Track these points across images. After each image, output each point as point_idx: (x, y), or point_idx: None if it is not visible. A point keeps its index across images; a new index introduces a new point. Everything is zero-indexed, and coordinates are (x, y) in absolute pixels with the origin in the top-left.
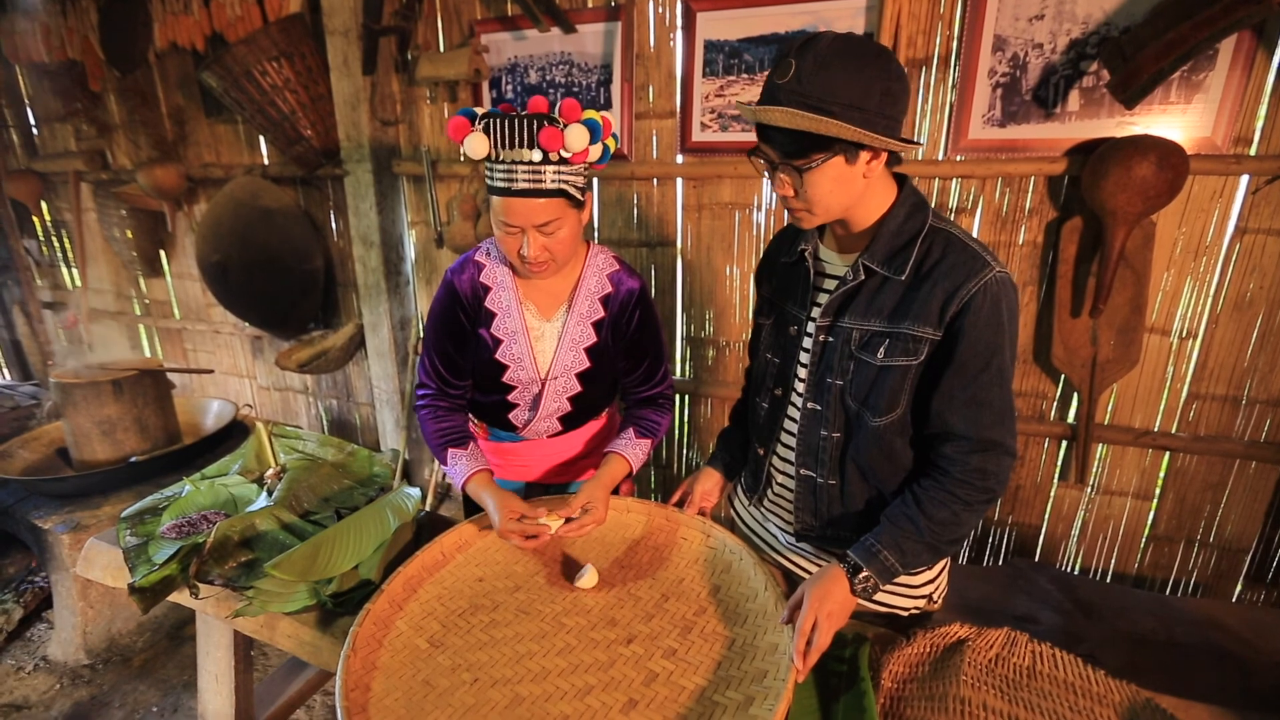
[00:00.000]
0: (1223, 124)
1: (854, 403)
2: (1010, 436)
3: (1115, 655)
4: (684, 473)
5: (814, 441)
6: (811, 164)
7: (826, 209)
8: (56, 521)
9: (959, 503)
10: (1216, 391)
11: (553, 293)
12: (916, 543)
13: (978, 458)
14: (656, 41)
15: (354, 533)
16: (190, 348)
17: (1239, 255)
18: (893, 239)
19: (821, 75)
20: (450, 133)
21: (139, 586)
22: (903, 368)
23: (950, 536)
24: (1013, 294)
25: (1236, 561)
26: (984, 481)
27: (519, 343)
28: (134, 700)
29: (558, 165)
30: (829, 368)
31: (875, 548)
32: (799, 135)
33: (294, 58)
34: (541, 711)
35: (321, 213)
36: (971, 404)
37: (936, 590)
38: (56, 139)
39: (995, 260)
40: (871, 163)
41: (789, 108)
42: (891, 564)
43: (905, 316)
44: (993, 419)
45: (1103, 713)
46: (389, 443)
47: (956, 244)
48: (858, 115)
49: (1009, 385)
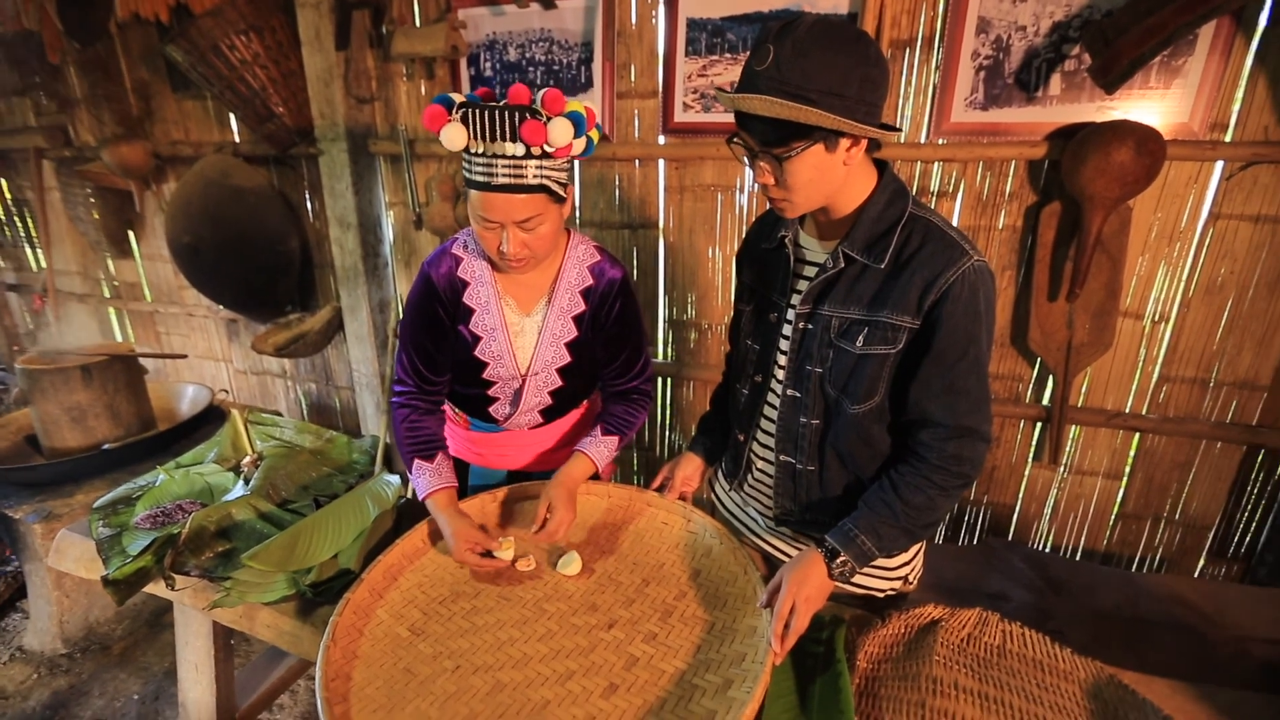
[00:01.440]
0: (1200, 109)
1: (833, 390)
2: (986, 423)
3: (1082, 631)
4: (666, 455)
5: (793, 428)
6: (791, 152)
7: (808, 197)
8: (28, 511)
9: (934, 488)
10: (1186, 374)
11: (532, 287)
12: (893, 527)
13: (954, 444)
14: (638, 19)
15: (333, 521)
16: (163, 331)
17: (1212, 240)
18: (872, 226)
19: (800, 62)
20: (426, 122)
21: (113, 579)
22: (881, 356)
23: (925, 520)
24: (990, 283)
25: (1200, 538)
26: (959, 467)
27: (498, 340)
28: (114, 689)
29: (540, 160)
30: (808, 355)
31: (853, 532)
32: (778, 123)
33: (263, 31)
34: (523, 697)
35: (296, 193)
36: (949, 392)
37: (912, 572)
38: (14, 114)
39: (974, 249)
40: (852, 150)
41: (768, 95)
42: (869, 548)
43: (884, 305)
44: (969, 406)
45: (1068, 689)
46: (369, 426)
47: (935, 232)
48: (837, 102)
49: (985, 373)
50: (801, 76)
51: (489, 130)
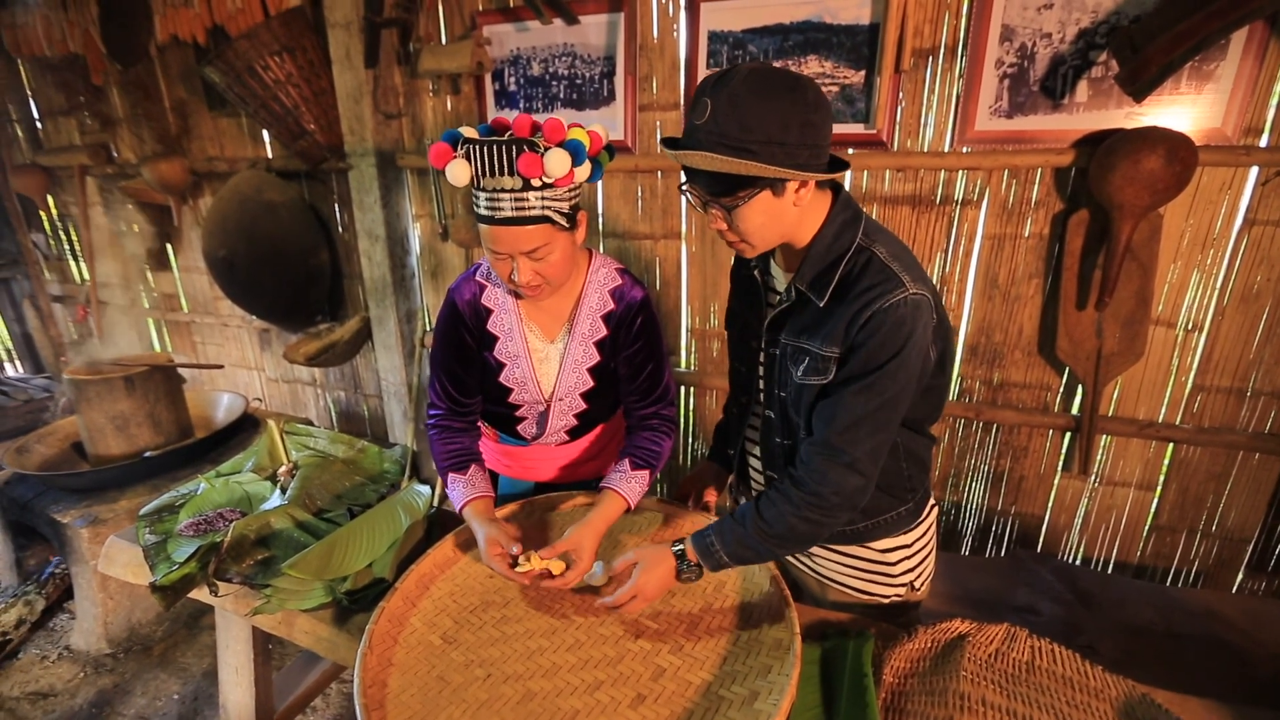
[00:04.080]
0: (1233, 114)
1: (794, 414)
2: (859, 451)
3: (1114, 647)
4: (689, 463)
5: (771, 447)
6: (738, 202)
7: (763, 239)
8: (75, 516)
9: (789, 504)
10: (1221, 384)
11: (554, 313)
12: (740, 536)
13: (820, 459)
14: (660, 32)
15: (367, 531)
16: (199, 340)
17: (1247, 247)
18: (819, 261)
19: (737, 114)
20: (432, 159)
21: (160, 585)
22: (813, 386)
23: (776, 534)
24: (921, 318)
25: (1238, 551)
26: (819, 486)
27: (522, 367)
28: (155, 688)
29: (541, 190)
30: (775, 380)
31: (709, 535)
32: (722, 175)
33: (296, 51)
34: (553, 706)
35: (326, 206)
36: (834, 405)
37: (919, 579)
38: (61, 133)
39: (915, 282)
40: (800, 191)
41: (708, 150)
42: (716, 551)
43: (817, 336)
44: (845, 425)
45: (1100, 707)
46: (397, 434)
47: (876, 264)
48: (779, 150)
49: (881, 406)
50: (739, 129)
51: (489, 165)
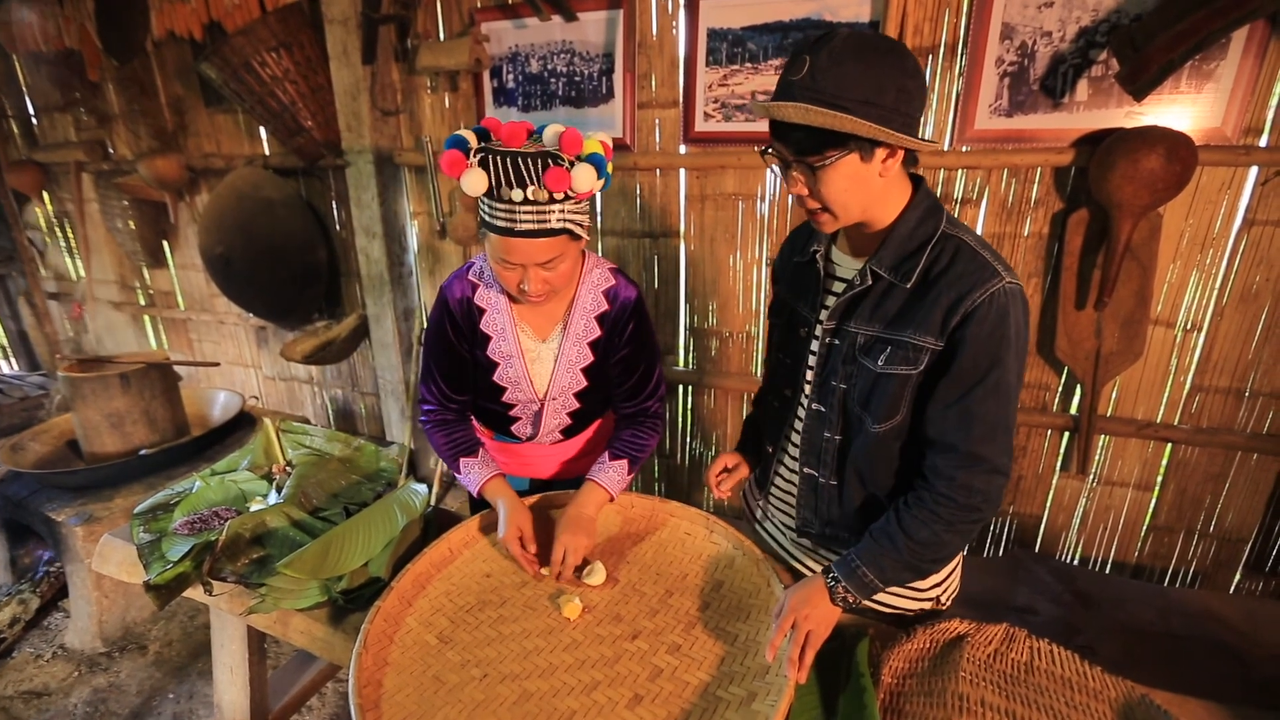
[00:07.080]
0: (1233, 114)
1: (856, 407)
2: (1001, 455)
3: (1113, 647)
4: (688, 463)
5: (817, 442)
6: (826, 161)
7: (845, 208)
8: (69, 514)
9: (940, 522)
10: (1220, 384)
11: (548, 314)
12: (896, 561)
13: (964, 473)
14: (659, 29)
15: (363, 530)
16: (195, 338)
17: (1246, 247)
18: (903, 244)
19: (836, 71)
20: (445, 169)
21: (155, 584)
22: (902, 376)
23: (932, 556)
24: (1021, 307)
25: (1236, 551)
26: (969, 499)
27: (515, 366)
28: (150, 687)
29: (562, 204)
30: (833, 371)
31: (855, 563)
32: (813, 132)
33: (293, 48)
34: (549, 707)
35: (324, 203)
36: (963, 414)
37: (945, 593)
38: (56, 129)
39: (1007, 270)
40: (888, 161)
41: (803, 103)
42: (870, 580)
43: (908, 324)
44: (983, 433)
45: (1099, 708)
46: (394, 432)
47: (967, 251)
48: (874, 111)
49: (1008, 402)
50: (837, 85)
51: (511, 177)
